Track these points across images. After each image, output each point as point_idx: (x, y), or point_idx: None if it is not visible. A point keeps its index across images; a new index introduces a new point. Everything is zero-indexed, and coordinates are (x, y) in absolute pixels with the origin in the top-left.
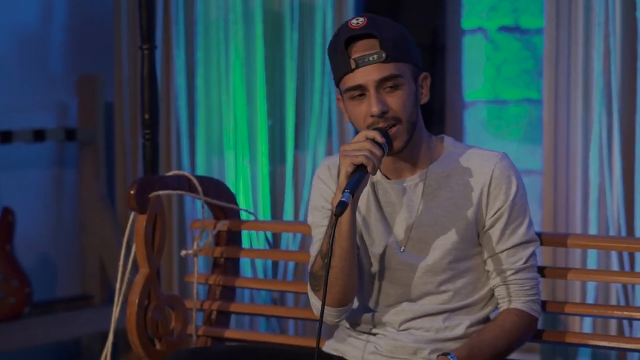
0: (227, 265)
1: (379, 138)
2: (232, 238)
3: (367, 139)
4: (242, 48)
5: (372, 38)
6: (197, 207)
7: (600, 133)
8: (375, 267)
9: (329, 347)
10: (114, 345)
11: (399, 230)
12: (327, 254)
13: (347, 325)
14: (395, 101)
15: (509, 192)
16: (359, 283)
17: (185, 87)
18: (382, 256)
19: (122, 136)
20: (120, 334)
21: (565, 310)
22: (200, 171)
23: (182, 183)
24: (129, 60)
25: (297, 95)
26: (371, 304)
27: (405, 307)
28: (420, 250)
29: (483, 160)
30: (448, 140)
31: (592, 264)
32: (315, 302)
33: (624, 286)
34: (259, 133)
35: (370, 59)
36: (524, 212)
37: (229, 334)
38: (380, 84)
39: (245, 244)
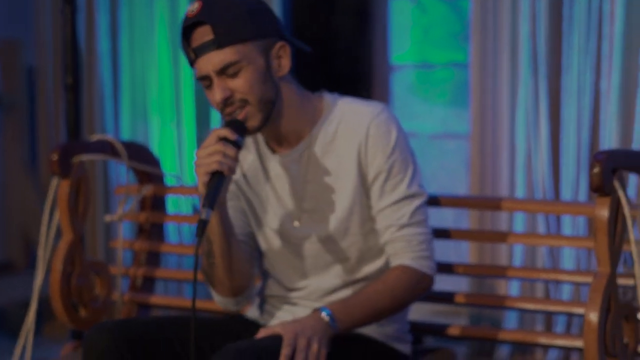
0: (153, 231)
1: (231, 135)
2: (158, 203)
3: (219, 139)
4: (166, 10)
5: (205, 25)
6: (121, 172)
7: (526, 97)
8: (276, 243)
9: (250, 314)
10: (38, 313)
11: (292, 203)
12: (208, 254)
13: (266, 296)
14: (239, 84)
15: (387, 147)
16: (256, 260)
17: (109, 50)
18: (280, 231)
19: (45, 101)
20: (44, 301)
21: (492, 273)
22: (125, 135)
23: (106, 148)
24: (51, 24)
25: None
26: (284, 279)
27: (318, 278)
28: (316, 221)
29: (360, 117)
30: (327, 99)
31: (519, 227)
32: (212, 294)
33: (551, 249)
34: (184, 97)
35: (205, 47)
36: (405, 167)
37: (154, 300)
38: (222, 71)
39: (172, 209)
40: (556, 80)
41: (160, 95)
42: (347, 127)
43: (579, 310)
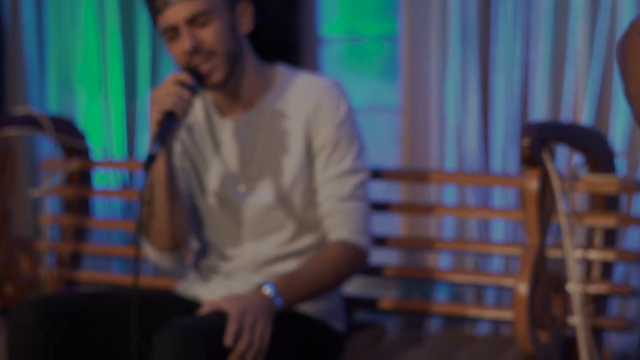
0: (80, 206)
1: (188, 80)
2: (85, 178)
3: (176, 82)
4: None
5: None
6: (47, 146)
7: (456, 69)
8: (217, 207)
9: (182, 289)
10: None
11: (237, 168)
12: (150, 201)
13: (201, 268)
14: (208, 34)
15: (335, 120)
16: (193, 226)
17: (34, 22)
18: (223, 195)
19: None
20: None
21: (422, 246)
22: (51, 109)
23: (32, 122)
24: None
25: (151, 30)
26: (221, 246)
27: (254, 248)
28: (260, 188)
29: (311, 89)
30: (280, 69)
31: (449, 199)
32: (146, 248)
33: (481, 221)
34: (111, 70)
35: None
36: (351, 141)
37: (82, 275)
38: (191, 21)
39: (100, 183)
40: (485, 52)
41: (86, 68)
42: (298, 99)
43: (509, 282)
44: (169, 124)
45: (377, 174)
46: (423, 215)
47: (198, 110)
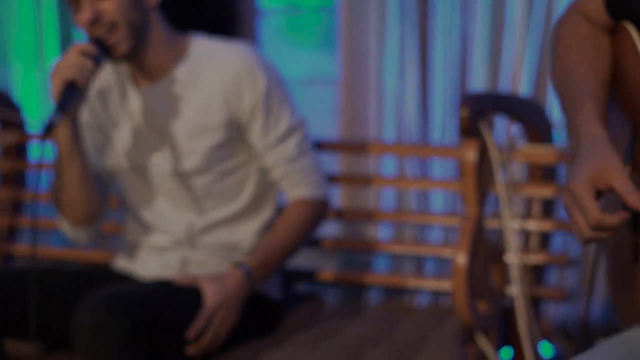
0: (16, 179)
1: (92, 50)
2: (21, 151)
3: (79, 52)
4: None
5: None
6: None
7: (395, 40)
8: (138, 180)
9: (117, 264)
10: None
11: (152, 138)
12: (59, 174)
13: (132, 242)
14: (108, 6)
15: (258, 86)
16: (104, 198)
17: None
18: (138, 166)
19: None
20: None
21: (361, 217)
22: None
23: None
24: None
25: None
26: (150, 219)
27: (184, 218)
28: (175, 157)
29: (227, 57)
30: (194, 39)
31: (388, 171)
32: (60, 221)
33: (420, 192)
34: (47, 42)
35: None
36: (280, 101)
37: (19, 249)
38: None
39: (36, 156)
40: (424, 23)
41: (22, 41)
42: (214, 68)
43: (448, 253)
44: (70, 93)
45: (316, 145)
46: (362, 187)
47: (111, 80)
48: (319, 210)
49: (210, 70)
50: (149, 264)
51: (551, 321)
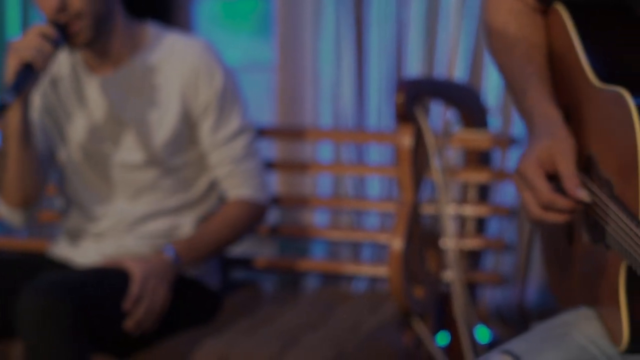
0: None
1: (52, 34)
2: None
3: (39, 34)
4: None
5: None
6: None
7: (330, 26)
8: (84, 165)
9: (55, 252)
10: None
11: (105, 126)
12: (2, 154)
13: (71, 230)
14: None
15: (214, 84)
16: (44, 183)
17: None
18: (90, 153)
19: None
20: None
21: (299, 203)
22: None
23: None
24: None
25: None
26: (91, 206)
27: (126, 207)
28: (129, 147)
29: (186, 52)
30: (150, 28)
31: (324, 157)
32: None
33: (356, 178)
34: (9, 20)
35: None
36: (233, 101)
37: None
38: None
39: None
40: (359, 9)
41: None
42: (172, 60)
43: (384, 238)
44: (25, 75)
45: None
46: (299, 173)
47: (64, 66)
48: (257, 213)
49: (168, 64)
50: (87, 251)
51: (487, 305)
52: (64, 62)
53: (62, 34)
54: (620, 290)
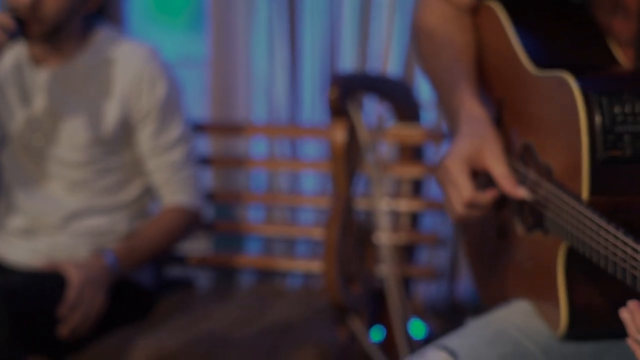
0: None
1: (10, 26)
2: None
3: None
4: None
5: None
6: None
7: (264, 20)
8: (20, 159)
9: None
10: None
11: (44, 120)
12: None
13: (6, 226)
14: (50, 3)
15: (157, 91)
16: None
17: None
18: (27, 147)
19: None
20: None
21: (233, 199)
22: None
23: None
24: None
25: None
26: (24, 202)
27: (60, 202)
28: (65, 143)
29: (132, 56)
30: (101, 30)
31: (258, 152)
32: None
33: (291, 174)
34: None
35: None
36: (175, 110)
37: None
38: None
39: None
40: (292, 3)
41: None
42: (118, 63)
43: (319, 234)
44: None
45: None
46: (233, 169)
47: (7, 57)
48: (193, 221)
49: (113, 65)
50: (18, 248)
51: (422, 300)
52: (7, 52)
53: (20, 28)
54: (559, 274)
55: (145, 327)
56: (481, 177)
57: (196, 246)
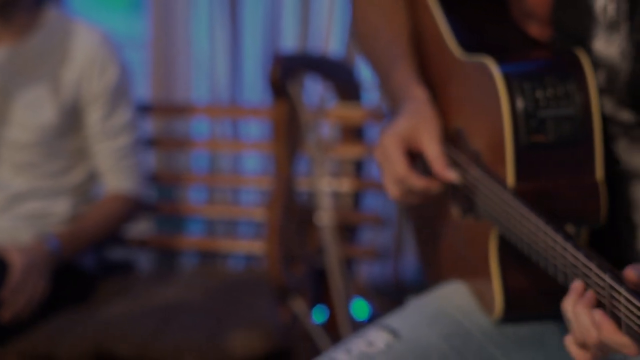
0: None
1: None
2: None
3: None
4: None
5: None
6: None
7: (205, 1)
8: None
9: None
10: None
11: None
12: None
13: None
14: None
15: (108, 76)
16: None
17: None
18: None
19: None
20: None
21: (174, 180)
22: None
23: None
24: None
25: None
26: None
27: (3, 186)
28: (12, 124)
29: (85, 39)
30: (50, 12)
31: (200, 133)
32: None
33: (233, 155)
34: None
35: None
36: (124, 96)
37: None
38: None
39: None
40: None
41: None
42: (69, 47)
43: (261, 215)
44: None
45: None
46: (174, 150)
47: None
48: (135, 208)
49: (64, 48)
50: None
51: (365, 280)
52: None
53: None
54: (492, 259)
55: (86, 311)
56: (419, 162)
57: (138, 228)
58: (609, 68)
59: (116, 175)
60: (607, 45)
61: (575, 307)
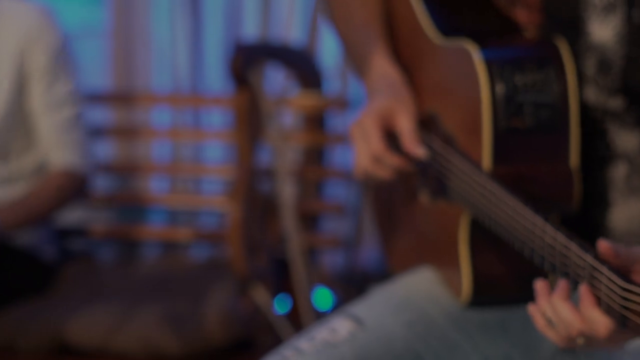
0: None
1: None
2: None
3: None
4: None
5: None
6: None
7: None
8: None
9: None
10: None
11: None
12: None
13: None
14: None
15: (49, 47)
16: None
17: None
18: None
19: None
20: None
21: (134, 170)
22: None
23: None
24: None
25: None
26: None
27: None
28: None
29: (21, 16)
30: None
31: (161, 122)
32: None
33: (195, 144)
34: None
35: None
36: (66, 67)
37: None
38: None
39: None
40: None
41: None
42: (7, 26)
43: (223, 205)
44: None
45: (87, 97)
46: (135, 140)
47: None
48: (80, 185)
49: (5, 25)
50: None
51: (328, 269)
52: None
53: None
54: (461, 242)
55: (45, 302)
56: (394, 142)
57: (98, 218)
58: (602, 52)
59: (61, 150)
60: (601, 29)
61: (552, 300)
